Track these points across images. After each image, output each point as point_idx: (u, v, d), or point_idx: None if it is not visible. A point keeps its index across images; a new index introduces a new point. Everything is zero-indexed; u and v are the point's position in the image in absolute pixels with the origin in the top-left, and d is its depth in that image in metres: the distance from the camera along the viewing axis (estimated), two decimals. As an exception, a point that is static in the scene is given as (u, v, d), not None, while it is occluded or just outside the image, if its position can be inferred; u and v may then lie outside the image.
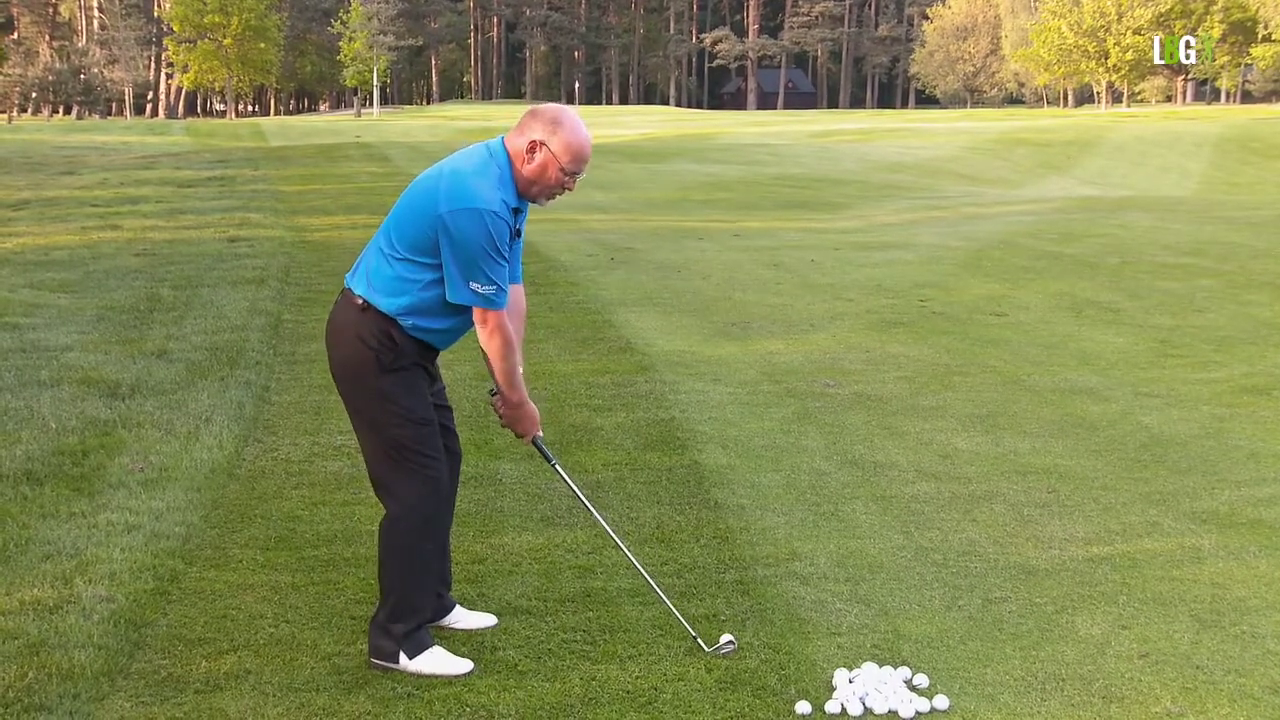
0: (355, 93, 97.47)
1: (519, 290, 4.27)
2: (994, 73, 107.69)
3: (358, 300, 4.07)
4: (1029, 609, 4.69)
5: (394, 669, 4.14)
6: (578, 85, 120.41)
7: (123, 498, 5.77)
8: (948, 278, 12.85)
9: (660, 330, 9.91)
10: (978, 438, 7.08)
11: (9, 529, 5.32)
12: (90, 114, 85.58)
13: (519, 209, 4.07)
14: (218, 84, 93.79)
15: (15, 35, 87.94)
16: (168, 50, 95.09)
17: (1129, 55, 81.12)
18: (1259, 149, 43.10)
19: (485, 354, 4.09)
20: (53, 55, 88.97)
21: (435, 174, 4.06)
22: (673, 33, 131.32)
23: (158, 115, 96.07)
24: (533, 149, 4.00)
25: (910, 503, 5.94)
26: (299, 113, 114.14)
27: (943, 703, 3.93)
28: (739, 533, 5.47)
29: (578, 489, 4.50)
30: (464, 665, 4.16)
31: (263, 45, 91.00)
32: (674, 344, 9.39)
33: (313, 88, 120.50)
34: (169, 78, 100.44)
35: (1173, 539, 5.48)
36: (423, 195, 4.03)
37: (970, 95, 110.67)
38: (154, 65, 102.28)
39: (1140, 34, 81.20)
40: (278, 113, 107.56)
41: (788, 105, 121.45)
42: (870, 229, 17.92)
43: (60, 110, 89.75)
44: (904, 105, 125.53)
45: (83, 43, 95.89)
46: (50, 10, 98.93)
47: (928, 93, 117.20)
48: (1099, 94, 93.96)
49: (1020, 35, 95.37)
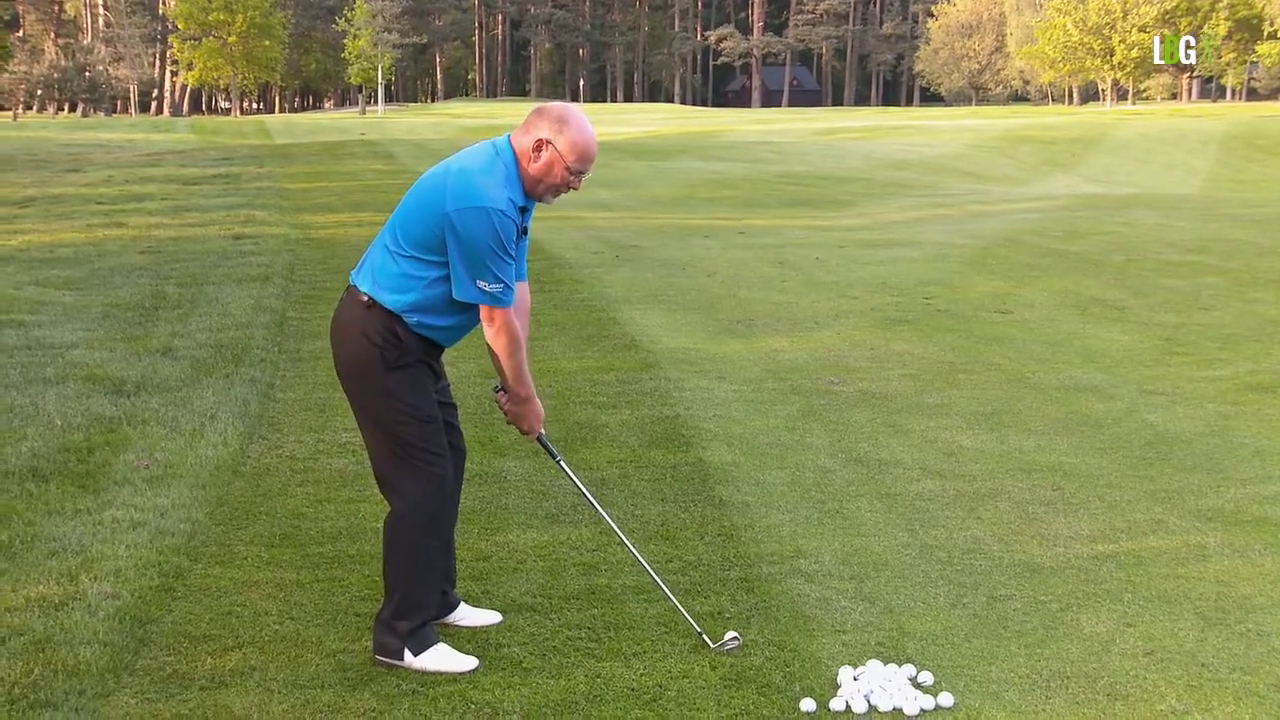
0: (360, 90, 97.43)
1: (524, 288, 4.27)
2: (999, 70, 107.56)
3: (363, 297, 4.07)
4: (1034, 607, 4.69)
5: (399, 666, 4.14)
6: (582, 83, 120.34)
7: (128, 495, 5.78)
8: (953, 275, 12.84)
9: (665, 328, 9.91)
10: (982, 435, 7.08)
11: (15, 526, 5.33)
12: (95, 111, 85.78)
13: (526, 207, 4.07)
14: (222, 81, 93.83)
15: (21, 33, 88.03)
16: (173, 48, 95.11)
17: (1134, 53, 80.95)
18: (1265, 146, 43.04)
19: (492, 351, 4.09)
20: (58, 53, 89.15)
21: (442, 172, 4.06)
22: (677, 30, 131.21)
23: (163, 113, 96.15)
24: (539, 147, 4.00)
25: (915, 500, 5.94)
26: (304, 110, 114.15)
27: (947, 700, 3.93)
28: (744, 530, 5.47)
29: (583, 486, 4.50)
30: (469, 662, 4.16)
31: (267, 43, 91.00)
32: (679, 341, 9.39)
33: (317, 85, 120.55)
34: (174, 75, 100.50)
35: (1178, 537, 5.48)
36: (429, 193, 4.02)
37: (975, 93, 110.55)
38: (159, 63, 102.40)
39: (1145, 31, 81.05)
40: (282, 110, 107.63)
41: (792, 103, 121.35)
42: (875, 227, 17.91)
43: (65, 108, 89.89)
44: (909, 103, 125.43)
45: (88, 40, 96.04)
46: (55, 8, 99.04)
47: (932, 90, 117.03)
48: (1104, 91, 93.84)
49: (1025, 32, 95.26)
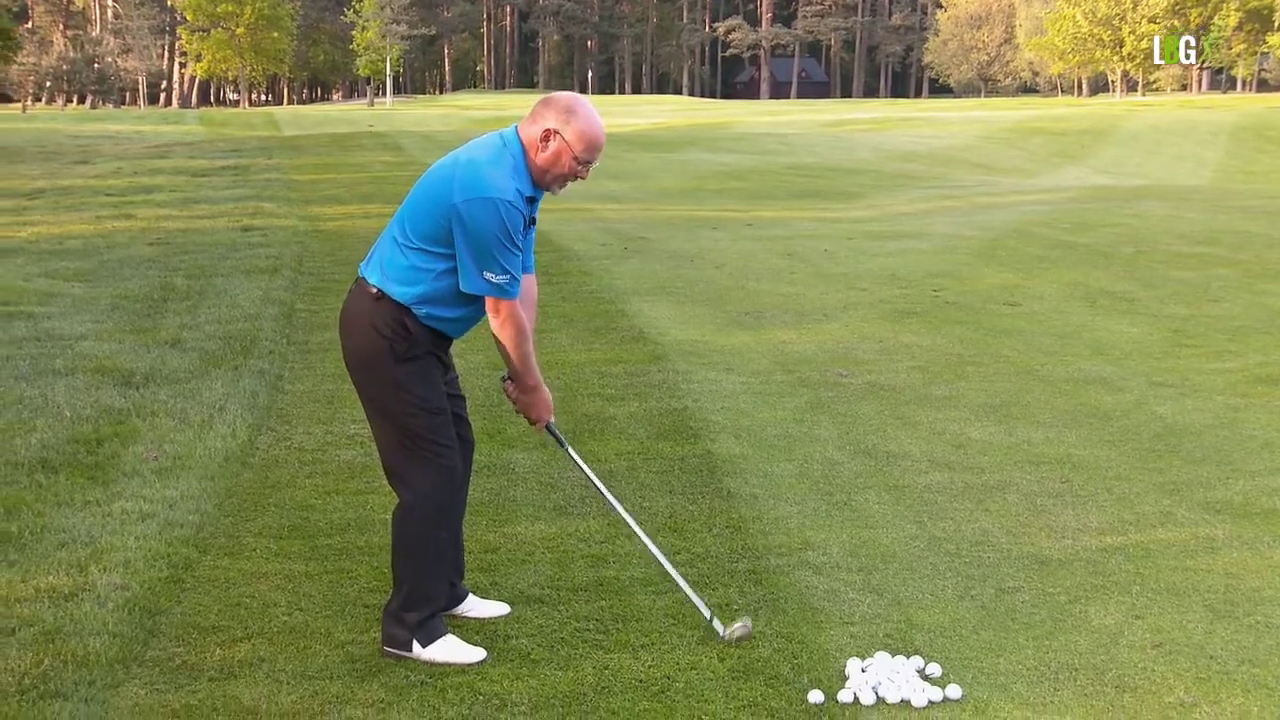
0: (368, 82, 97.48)
1: (531, 279, 4.27)
2: (1008, 62, 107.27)
3: (372, 289, 4.07)
4: (1042, 599, 4.69)
5: (407, 657, 4.15)
6: (590, 74, 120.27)
7: (137, 486, 5.79)
8: (961, 267, 12.82)
9: (673, 320, 9.91)
10: (991, 427, 7.07)
11: (24, 517, 5.35)
12: (104, 103, 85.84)
13: (534, 198, 4.07)
14: (231, 73, 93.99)
15: (29, 24, 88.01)
16: (181, 39, 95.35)
17: (1144, 44, 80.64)
18: (1275, 138, 42.88)
19: (498, 341, 4.09)
20: (66, 44, 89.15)
21: (450, 163, 4.06)
22: (686, 22, 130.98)
23: (171, 104, 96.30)
24: (546, 137, 4.00)
25: (923, 492, 5.93)
26: (312, 102, 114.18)
27: (955, 692, 3.92)
28: (751, 522, 5.47)
29: (592, 474, 4.50)
30: (477, 654, 4.17)
31: (276, 34, 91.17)
32: (687, 333, 9.39)
33: (326, 77, 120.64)
34: (182, 67, 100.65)
35: (1186, 529, 5.47)
36: (437, 185, 4.02)
37: (984, 84, 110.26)
38: (167, 54, 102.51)
39: (1155, 22, 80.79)
40: (291, 102, 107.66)
41: (801, 94, 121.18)
42: (884, 218, 17.87)
43: (74, 99, 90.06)
44: (918, 94, 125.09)
45: (96, 32, 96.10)
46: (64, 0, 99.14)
47: (941, 82, 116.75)
48: (1114, 83, 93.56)
49: (1035, 24, 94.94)
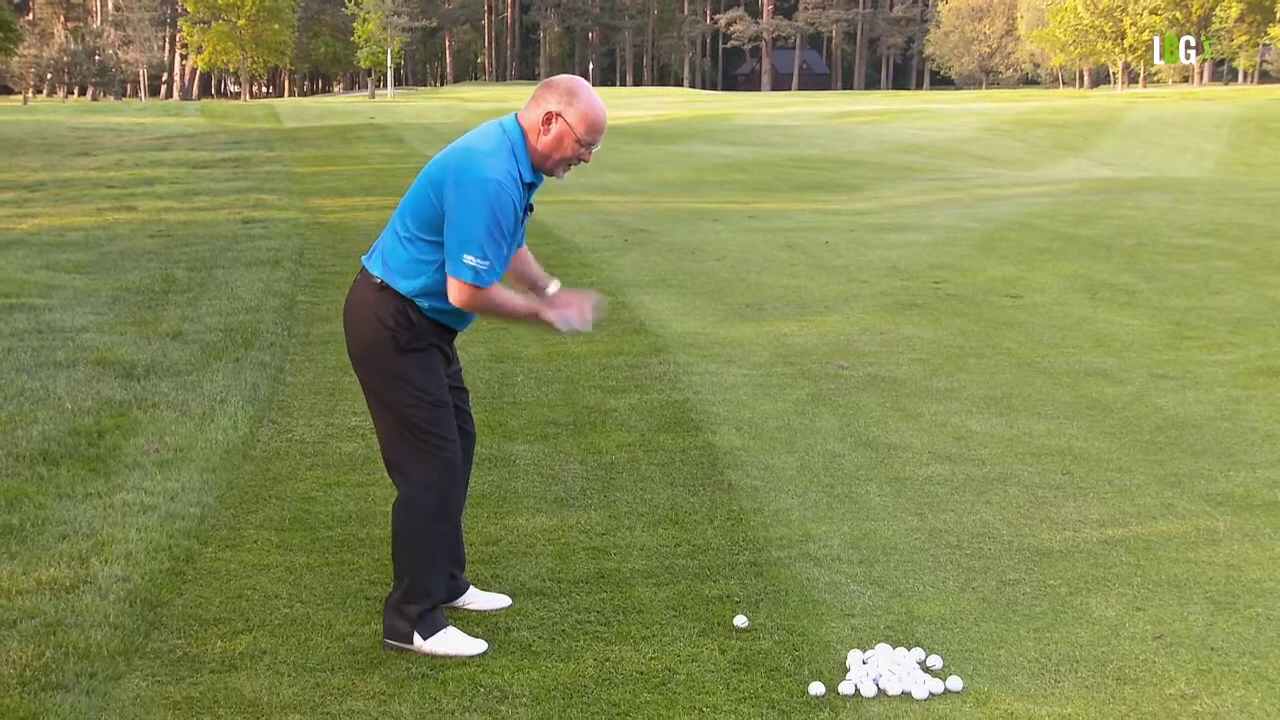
0: (369, 74, 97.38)
1: (523, 249, 4.29)
2: (1009, 53, 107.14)
3: (375, 279, 4.07)
4: (1043, 591, 4.69)
5: (408, 649, 4.15)
6: (592, 66, 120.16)
7: (138, 478, 5.79)
8: (962, 259, 12.81)
9: (674, 312, 9.90)
10: (992, 420, 7.07)
11: (26, 509, 5.35)
12: (105, 95, 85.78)
13: (532, 183, 4.06)
14: (232, 65, 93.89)
15: (30, 16, 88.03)
16: (182, 31, 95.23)
17: (1145, 35, 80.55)
18: (1277, 129, 42.78)
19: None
20: (67, 36, 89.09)
21: (448, 152, 4.06)
22: (687, 14, 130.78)
23: (172, 96, 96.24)
24: (549, 120, 3.99)
25: (924, 485, 5.93)
26: (313, 94, 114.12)
27: (956, 684, 3.93)
28: (752, 514, 5.47)
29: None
30: (478, 646, 4.17)
31: (276, 26, 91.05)
32: (688, 326, 9.39)
33: (327, 69, 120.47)
34: (183, 59, 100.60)
35: (1188, 521, 5.47)
36: (434, 172, 4.03)
37: (985, 76, 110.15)
38: (168, 46, 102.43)
39: (1156, 14, 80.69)
40: (292, 94, 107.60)
41: (802, 86, 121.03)
42: (885, 211, 17.86)
43: (75, 91, 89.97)
44: (919, 86, 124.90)
45: (97, 24, 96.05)
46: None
47: (943, 74, 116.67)
48: (1115, 74, 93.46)
49: (1036, 15, 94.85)
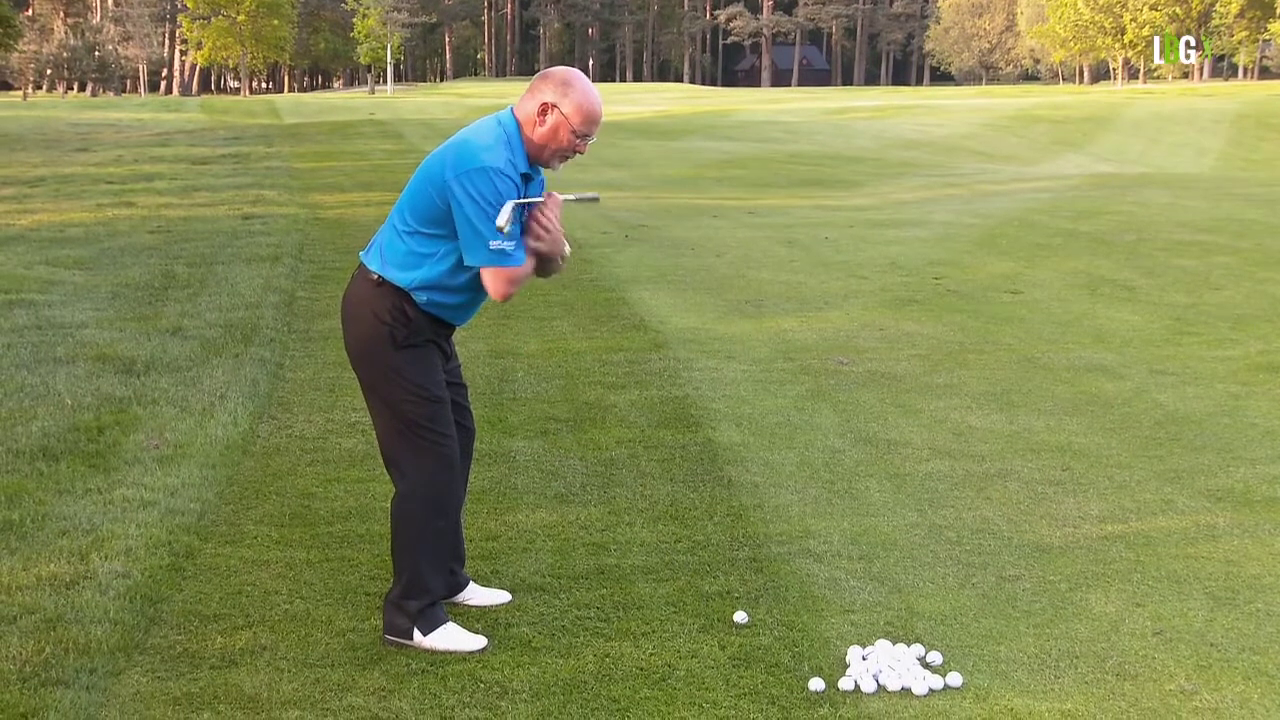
0: (369, 70, 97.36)
1: None
2: (1009, 49, 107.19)
3: (372, 276, 4.07)
4: (1043, 587, 4.69)
5: (408, 645, 4.15)
6: (592, 62, 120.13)
7: (138, 474, 5.79)
8: (963, 255, 12.81)
9: (674, 308, 9.90)
10: (992, 415, 7.07)
11: (26, 505, 5.35)
12: (105, 91, 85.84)
13: (529, 175, 4.05)
14: (232, 61, 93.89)
15: (30, 12, 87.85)
16: (182, 27, 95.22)
17: (1145, 31, 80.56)
18: (1277, 125, 42.82)
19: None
20: (67, 32, 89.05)
21: (446, 146, 4.06)
22: (687, 9, 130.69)
23: (172, 92, 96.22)
24: (544, 111, 3.99)
25: (924, 480, 5.93)
26: (313, 90, 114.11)
27: (956, 680, 3.93)
28: (752, 510, 5.47)
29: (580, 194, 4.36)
30: (478, 641, 4.17)
31: (276, 22, 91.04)
32: (688, 321, 9.39)
33: (326, 65, 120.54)
34: (183, 54, 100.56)
35: (1187, 517, 5.47)
36: (432, 165, 4.03)
37: (985, 72, 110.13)
38: (168, 42, 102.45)
39: (1156, 10, 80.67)
40: (292, 89, 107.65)
41: (802, 82, 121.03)
42: (885, 206, 17.85)
43: (75, 87, 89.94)
44: (919, 82, 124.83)
45: (97, 19, 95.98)
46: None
47: (943, 69, 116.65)
48: (1115, 70, 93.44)
49: (1036, 11, 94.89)
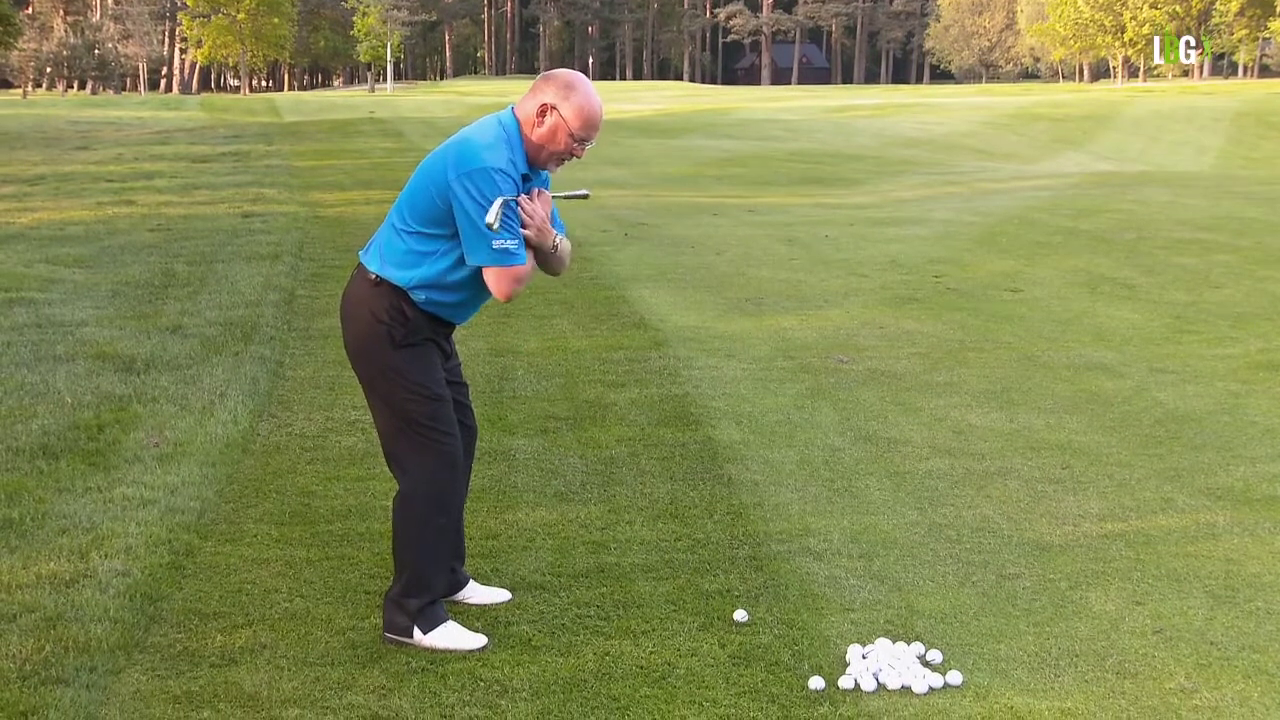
0: (369, 68, 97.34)
1: None
2: (1009, 48, 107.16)
3: (371, 275, 4.07)
4: (1043, 585, 4.69)
5: (408, 643, 4.15)
6: (591, 60, 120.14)
7: (138, 472, 5.79)
8: (962, 254, 12.80)
9: (674, 306, 9.90)
10: (992, 414, 7.07)
11: (25, 503, 5.35)
12: (104, 89, 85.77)
13: (529, 175, 4.05)
14: (232, 59, 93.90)
15: (30, 10, 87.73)
16: (182, 25, 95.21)
17: (1145, 29, 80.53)
18: (1277, 123, 42.84)
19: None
20: (67, 30, 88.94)
21: (446, 145, 4.06)
22: (687, 8, 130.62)
23: (172, 90, 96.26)
24: (543, 112, 3.98)
25: (924, 479, 5.93)
26: (313, 88, 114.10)
27: (956, 678, 3.93)
28: (752, 508, 5.47)
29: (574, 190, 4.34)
30: (478, 640, 4.17)
31: (276, 20, 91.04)
32: (687, 320, 9.38)
33: (326, 63, 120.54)
34: (183, 53, 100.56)
35: (1187, 515, 5.47)
36: (432, 165, 4.03)
37: (985, 70, 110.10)
38: (168, 40, 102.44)
39: (1156, 8, 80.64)
40: (292, 88, 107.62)
41: (802, 80, 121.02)
42: (885, 205, 17.85)
43: (75, 85, 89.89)
44: (919, 80, 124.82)
45: (97, 17, 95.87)
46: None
47: (943, 68, 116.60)
48: (1115, 68, 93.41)
49: (1036, 9, 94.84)
